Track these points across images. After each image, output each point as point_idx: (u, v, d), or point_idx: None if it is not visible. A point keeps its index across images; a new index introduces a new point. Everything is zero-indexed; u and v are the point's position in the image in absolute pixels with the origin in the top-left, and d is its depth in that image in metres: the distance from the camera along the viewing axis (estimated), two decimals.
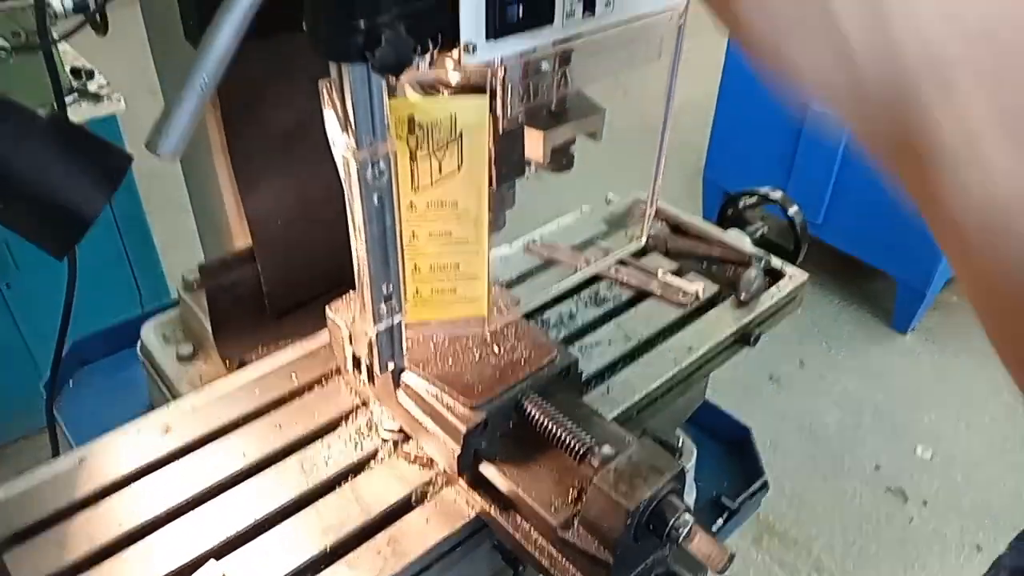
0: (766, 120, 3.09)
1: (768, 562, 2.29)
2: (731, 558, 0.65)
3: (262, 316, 1.06)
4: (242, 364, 1.01)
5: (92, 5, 1.53)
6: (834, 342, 3.05)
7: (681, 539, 0.66)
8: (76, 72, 1.97)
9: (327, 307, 0.84)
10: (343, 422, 0.87)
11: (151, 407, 1.19)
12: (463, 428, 0.72)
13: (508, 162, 0.65)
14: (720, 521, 1.32)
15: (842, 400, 2.81)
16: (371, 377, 0.82)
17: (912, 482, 2.51)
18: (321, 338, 0.97)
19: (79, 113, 1.90)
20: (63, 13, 1.61)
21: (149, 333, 1.14)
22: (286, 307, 1.06)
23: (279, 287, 1.04)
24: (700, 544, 0.65)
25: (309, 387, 0.91)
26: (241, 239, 1.04)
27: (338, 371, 0.92)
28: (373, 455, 0.83)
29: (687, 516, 0.66)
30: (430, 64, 0.57)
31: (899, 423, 2.72)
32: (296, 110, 0.94)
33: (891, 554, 2.32)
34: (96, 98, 1.95)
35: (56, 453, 1.13)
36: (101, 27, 1.25)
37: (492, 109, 0.60)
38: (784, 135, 3.04)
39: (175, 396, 1.04)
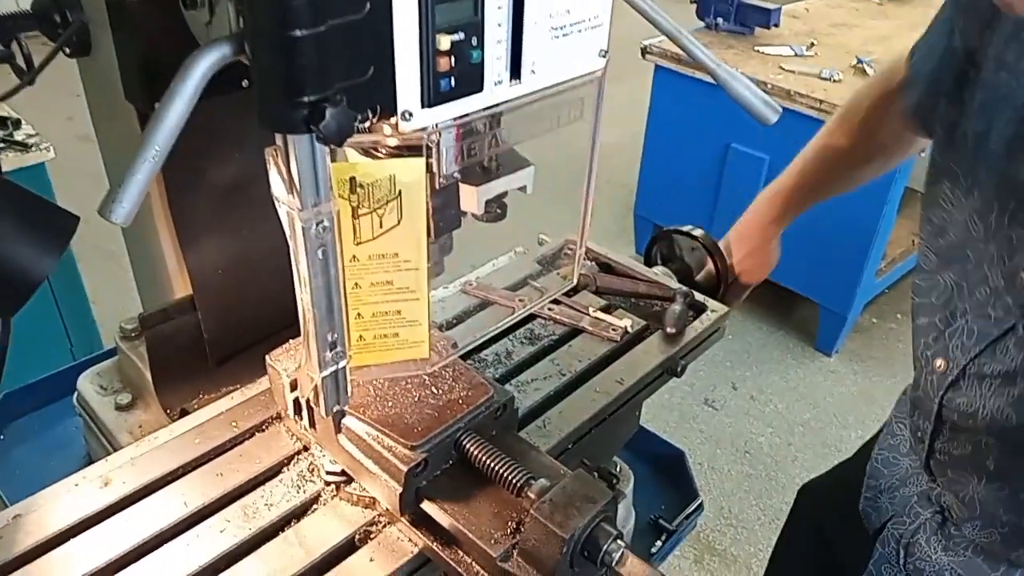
0: (690, 158, 3.23)
1: None
2: None
3: (202, 364, 1.06)
4: (183, 412, 1.01)
5: (20, 55, 1.52)
6: (764, 366, 3.18)
7: (614, 563, 0.70)
8: (2, 121, 1.94)
9: (267, 356, 0.86)
10: (285, 467, 0.88)
11: (88, 459, 1.18)
12: (404, 468, 0.75)
13: (445, 216, 0.70)
14: (659, 543, 1.37)
15: (773, 420, 2.92)
16: (312, 422, 0.84)
17: None
18: (260, 385, 0.98)
19: (7, 163, 1.88)
20: None
21: (85, 383, 1.13)
22: (226, 354, 1.08)
23: (219, 335, 1.05)
24: (631, 568, 0.70)
25: (250, 434, 0.92)
26: (181, 289, 1.05)
27: (278, 417, 0.93)
28: (316, 498, 0.85)
29: (619, 542, 0.71)
30: (368, 129, 0.61)
31: (828, 440, 2.85)
32: (237, 165, 0.97)
33: None
34: (24, 147, 1.92)
35: None
36: (28, 77, 1.25)
37: (428, 168, 0.64)
38: (708, 171, 3.19)
39: (114, 446, 1.03)
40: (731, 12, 3.22)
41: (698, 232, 1.31)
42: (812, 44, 3.15)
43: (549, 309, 1.16)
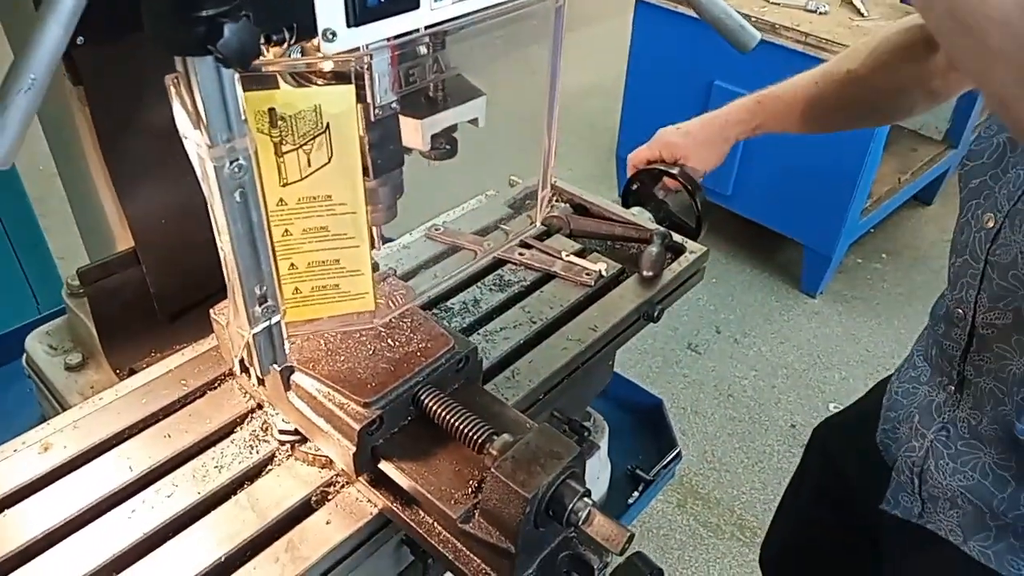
0: (672, 99, 3.14)
1: (693, 524, 2.36)
2: (630, 539, 0.66)
3: (152, 320, 1.01)
4: (132, 372, 0.96)
5: None
6: (747, 309, 3.15)
7: (580, 522, 0.66)
8: None
9: (211, 310, 0.81)
10: (237, 427, 0.84)
11: (43, 422, 1.13)
12: (357, 426, 0.70)
13: (384, 152, 0.63)
14: (636, 493, 1.34)
15: (757, 363, 2.90)
16: (261, 379, 0.79)
17: None
18: (213, 340, 0.93)
19: None
20: None
21: (35, 343, 1.08)
22: (177, 309, 1.02)
23: (167, 289, 0.99)
24: (599, 527, 0.66)
25: (200, 392, 0.87)
26: (124, 241, 0.99)
27: (231, 374, 0.88)
28: (270, 459, 0.80)
29: (586, 499, 0.67)
30: (302, 53, 0.54)
31: (811, 382, 2.84)
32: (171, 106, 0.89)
33: None
34: None
35: None
36: None
37: (361, 98, 0.58)
38: (691, 109, 3.08)
39: (65, 409, 0.98)
40: None
41: (676, 169, 1.24)
42: None
43: (520, 254, 1.11)
